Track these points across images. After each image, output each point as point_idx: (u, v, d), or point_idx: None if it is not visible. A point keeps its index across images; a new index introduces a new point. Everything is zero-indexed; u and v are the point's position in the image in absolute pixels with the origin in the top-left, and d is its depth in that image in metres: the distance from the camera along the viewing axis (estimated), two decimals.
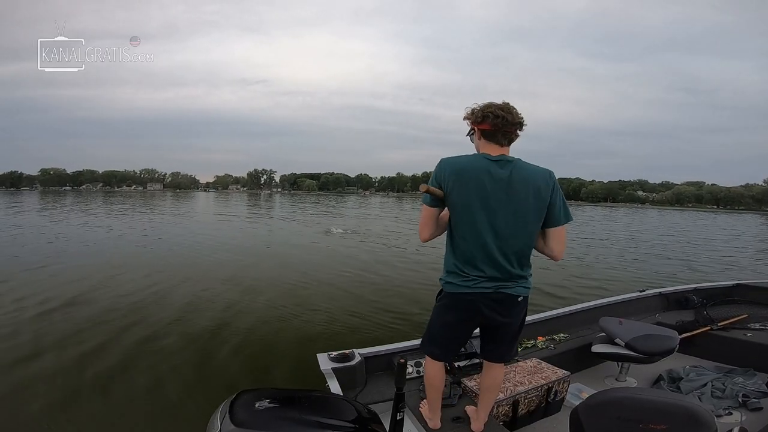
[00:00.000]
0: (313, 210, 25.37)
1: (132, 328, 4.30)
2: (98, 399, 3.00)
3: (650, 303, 3.52)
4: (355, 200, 55.48)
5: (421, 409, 1.80)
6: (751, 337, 2.70)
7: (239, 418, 1.15)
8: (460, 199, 1.40)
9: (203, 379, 3.33)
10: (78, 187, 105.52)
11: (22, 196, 53.54)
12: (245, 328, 4.43)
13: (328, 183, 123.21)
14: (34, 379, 3.22)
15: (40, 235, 11.61)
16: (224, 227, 15.65)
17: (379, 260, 8.55)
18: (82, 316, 4.65)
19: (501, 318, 1.50)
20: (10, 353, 3.62)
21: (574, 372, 2.47)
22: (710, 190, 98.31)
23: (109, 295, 5.53)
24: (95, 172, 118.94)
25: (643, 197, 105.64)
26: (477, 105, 1.46)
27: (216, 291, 5.89)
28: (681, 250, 13.11)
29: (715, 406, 2.16)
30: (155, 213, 21.90)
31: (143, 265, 7.63)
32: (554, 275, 7.23)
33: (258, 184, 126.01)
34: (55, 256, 8.30)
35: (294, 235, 12.08)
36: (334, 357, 2.05)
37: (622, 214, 43.02)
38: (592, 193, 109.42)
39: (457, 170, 1.40)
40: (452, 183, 1.40)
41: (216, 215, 20.48)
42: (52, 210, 23.45)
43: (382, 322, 4.70)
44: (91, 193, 77.41)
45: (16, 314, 4.64)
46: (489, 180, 1.37)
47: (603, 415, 1.24)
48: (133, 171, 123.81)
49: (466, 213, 1.41)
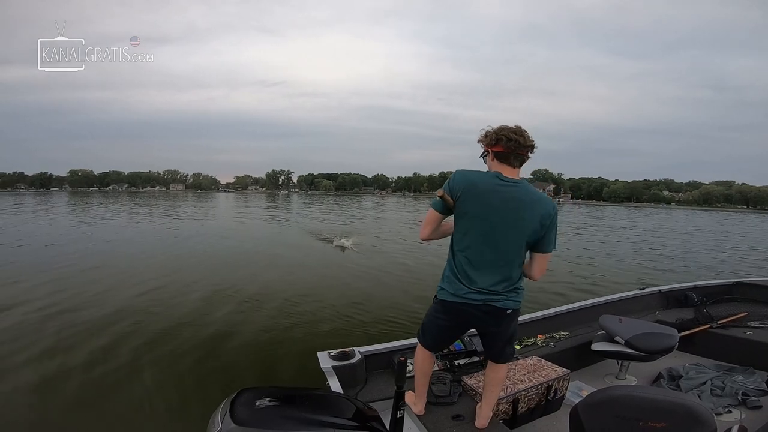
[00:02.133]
0: (326, 211, 24.66)
1: (138, 327, 4.32)
2: (98, 398, 3.02)
3: (650, 301, 3.53)
4: (372, 200, 55.31)
5: (407, 398, 1.77)
6: (750, 335, 2.70)
7: (240, 416, 1.16)
8: (466, 210, 1.48)
9: (204, 377, 3.34)
10: (105, 188, 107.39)
11: (53, 197, 54.41)
12: (245, 327, 4.43)
13: (345, 183, 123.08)
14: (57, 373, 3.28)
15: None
16: (242, 229, 15.61)
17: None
18: (83, 318, 4.68)
19: (490, 327, 1.60)
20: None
21: (574, 370, 2.48)
22: (740, 190, 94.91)
23: (125, 296, 5.56)
24: (121, 173, 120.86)
25: (668, 197, 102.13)
26: (491, 128, 1.52)
27: (218, 292, 5.90)
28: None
29: (715, 404, 2.16)
30: (181, 214, 22.24)
31: (151, 269, 7.65)
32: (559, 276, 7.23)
33: (276, 184, 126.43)
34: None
35: (296, 246, 11.98)
36: (334, 355, 2.05)
37: (643, 215, 41.31)
38: (614, 193, 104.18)
39: (470, 183, 1.46)
40: (462, 194, 1.47)
41: (235, 219, 20.27)
42: (97, 209, 24.36)
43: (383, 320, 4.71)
44: (117, 193, 78.70)
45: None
46: (496, 197, 1.44)
47: (603, 413, 1.24)
48: (157, 172, 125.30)
49: (470, 224, 1.48)
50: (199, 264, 8.00)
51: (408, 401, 1.78)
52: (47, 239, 10.88)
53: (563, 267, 8.45)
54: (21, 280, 6.19)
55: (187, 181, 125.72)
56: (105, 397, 3.02)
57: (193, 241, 11.30)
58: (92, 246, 9.97)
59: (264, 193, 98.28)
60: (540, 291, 5.99)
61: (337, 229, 14.86)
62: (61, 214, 20.86)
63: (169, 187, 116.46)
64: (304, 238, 11.99)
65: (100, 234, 12.41)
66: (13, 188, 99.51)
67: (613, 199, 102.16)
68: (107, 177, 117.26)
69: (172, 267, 7.54)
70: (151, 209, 25.29)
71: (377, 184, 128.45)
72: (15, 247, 9.42)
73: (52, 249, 9.33)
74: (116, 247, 9.94)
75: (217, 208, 28.85)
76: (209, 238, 12.23)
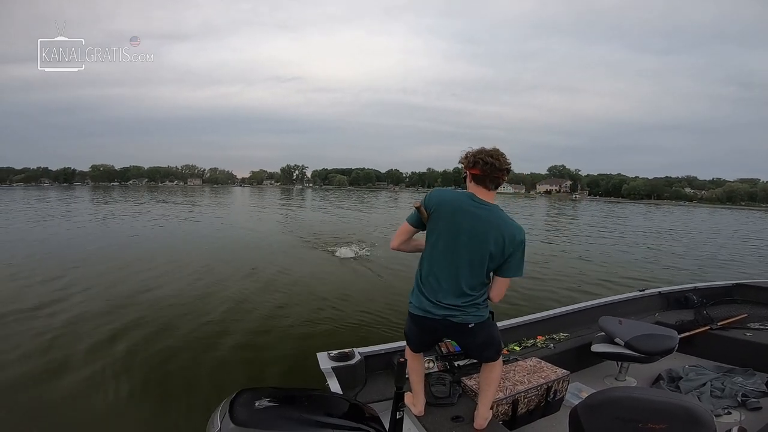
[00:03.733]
0: (337, 205, 24.18)
1: (135, 325, 4.31)
2: (98, 396, 3.02)
3: (650, 302, 3.53)
4: (385, 195, 55.04)
5: (406, 400, 1.80)
6: (750, 337, 2.70)
7: (239, 416, 1.15)
8: (436, 226, 1.56)
9: (203, 377, 3.34)
10: (125, 183, 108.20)
11: (75, 191, 55.19)
12: (245, 327, 4.43)
13: (359, 178, 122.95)
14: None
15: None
16: (258, 224, 15.72)
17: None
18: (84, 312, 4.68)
19: (459, 338, 1.72)
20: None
21: (574, 371, 2.48)
22: (765, 188, 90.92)
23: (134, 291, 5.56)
24: (141, 168, 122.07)
25: (690, 195, 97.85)
26: (471, 149, 1.59)
27: (219, 291, 5.90)
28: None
29: (715, 405, 2.16)
30: (199, 208, 22.58)
31: (161, 261, 7.65)
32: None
33: (290, 179, 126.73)
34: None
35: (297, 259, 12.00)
36: (333, 356, 2.05)
37: (662, 213, 38.85)
38: (634, 190, 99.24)
39: (443, 200, 1.54)
40: (435, 210, 1.55)
41: (256, 215, 20.29)
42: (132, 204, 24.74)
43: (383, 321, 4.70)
44: (137, 188, 79.02)
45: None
46: (466, 217, 1.51)
47: (602, 415, 1.24)
48: (175, 167, 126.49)
49: (438, 240, 1.55)
50: (197, 259, 7.99)
51: (407, 402, 1.78)
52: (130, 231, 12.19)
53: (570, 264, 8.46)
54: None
55: (204, 175, 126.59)
56: (101, 396, 3.02)
57: (210, 239, 11.36)
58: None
59: (279, 188, 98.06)
60: (540, 291, 6.00)
61: (346, 227, 14.62)
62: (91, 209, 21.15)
63: (187, 182, 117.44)
64: (305, 240, 11.94)
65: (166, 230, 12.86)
66: (38, 183, 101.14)
67: (633, 196, 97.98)
68: (128, 172, 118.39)
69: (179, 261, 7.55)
70: (192, 206, 24.97)
71: (391, 179, 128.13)
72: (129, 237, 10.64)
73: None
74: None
75: (233, 205, 28.68)
76: (226, 233, 12.54)
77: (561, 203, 55.50)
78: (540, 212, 30.70)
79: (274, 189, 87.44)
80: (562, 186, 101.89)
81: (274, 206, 24.75)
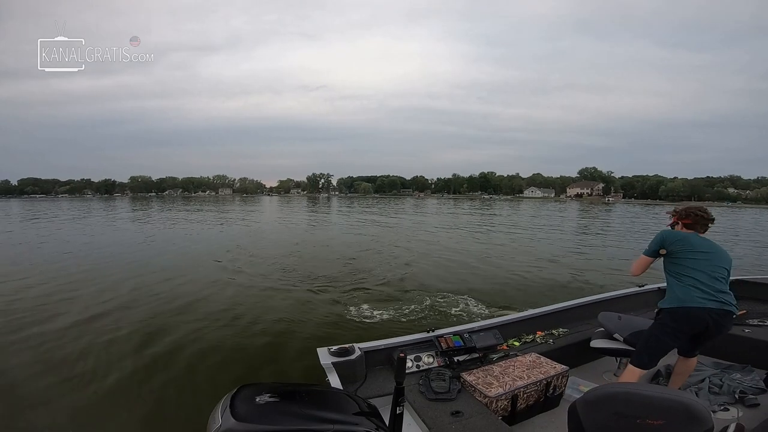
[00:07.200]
0: (360, 216, 24.04)
1: (135, 325, 4.33)
2: (98, 394, 3.04)
3: (649, 298, 3.53)
4: (410, 202, 55.16)
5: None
6: (749, 333, 2.70)
7: (240, 412, 1.16)
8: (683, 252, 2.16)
9: (203, 373, 3.36)
10: (161, 193, 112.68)
11: (116, 201, 57.13)
12: (245, 323, 4.45)
13: (384, 185, 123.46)
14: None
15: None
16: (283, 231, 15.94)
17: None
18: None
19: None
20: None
21: (573, 367, 2.49)
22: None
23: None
24: (176, 178, 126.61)
25: (734, 195, 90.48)
26: (678, 207, 2.31)
27: (219, 291, 5.92)
28: None
29: (712, 401, 2.18)
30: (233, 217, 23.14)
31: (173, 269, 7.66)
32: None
33: (317, 187, 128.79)
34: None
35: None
36: (334, 351, 2.06)
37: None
38: (672, 191, 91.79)
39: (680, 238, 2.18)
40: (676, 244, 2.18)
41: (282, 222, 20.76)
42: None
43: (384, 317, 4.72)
44: (173, 198, 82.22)
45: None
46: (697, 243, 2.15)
47: (601, 410, 1.24)
48: (208, 177, 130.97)
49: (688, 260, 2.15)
50: (203, 264, 8.01)
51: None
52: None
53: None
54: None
55: (235, 185, 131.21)
56: (105, 394, 3.03)
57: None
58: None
59: (305, 197, 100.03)
60: (541, 291, 6.00)
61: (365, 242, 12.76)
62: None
63: (218, 192, 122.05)
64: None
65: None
66: (81, 194, 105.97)
67: (671, 198, 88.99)
68: (164, 183, 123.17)
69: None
70: (226, 214, 25.84)
71: (416, 185, 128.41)
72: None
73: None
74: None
75: (263, 212, 29.47)
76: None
77: (593, 206, 53.00)
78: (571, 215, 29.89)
79: (300, 197, 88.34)
80: (594, 189, 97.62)
81: (301, 216, 25.01)
